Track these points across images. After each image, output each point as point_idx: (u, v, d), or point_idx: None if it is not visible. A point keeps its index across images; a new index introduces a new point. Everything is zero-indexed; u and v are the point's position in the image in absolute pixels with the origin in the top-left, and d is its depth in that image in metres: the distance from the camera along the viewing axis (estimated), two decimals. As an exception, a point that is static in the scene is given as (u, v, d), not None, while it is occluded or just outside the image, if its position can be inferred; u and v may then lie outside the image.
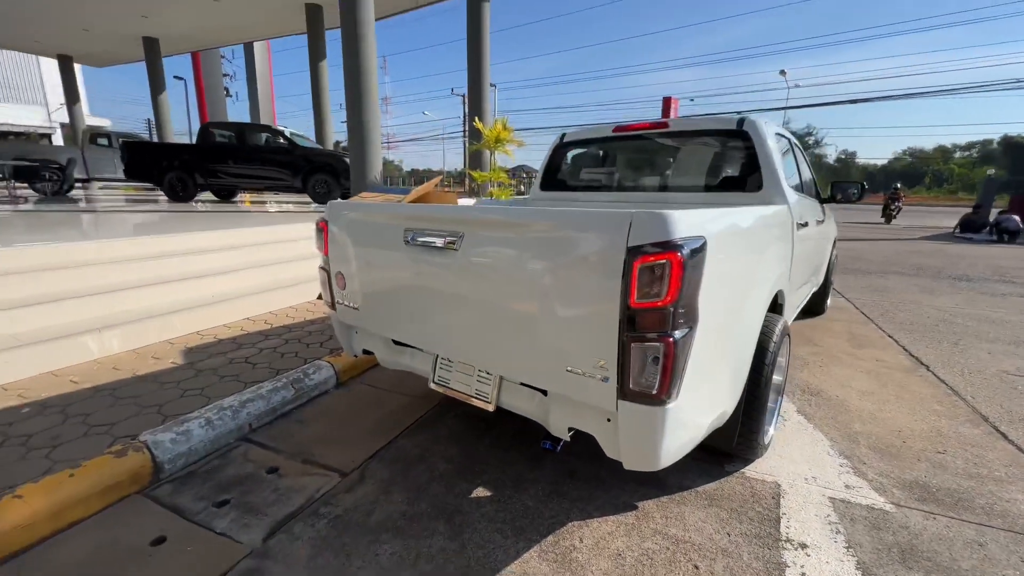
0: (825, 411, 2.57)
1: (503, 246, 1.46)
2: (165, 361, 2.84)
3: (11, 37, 16.13)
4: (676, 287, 1.14)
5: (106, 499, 1.74)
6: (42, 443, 1.96)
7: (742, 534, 1.64)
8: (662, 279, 1.14)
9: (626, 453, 1.34)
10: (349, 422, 2.40)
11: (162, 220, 5.94)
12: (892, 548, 1.58)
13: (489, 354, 1.63)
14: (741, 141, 2.44)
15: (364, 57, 6.85)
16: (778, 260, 2.04)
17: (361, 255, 1.94)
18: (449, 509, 1.76)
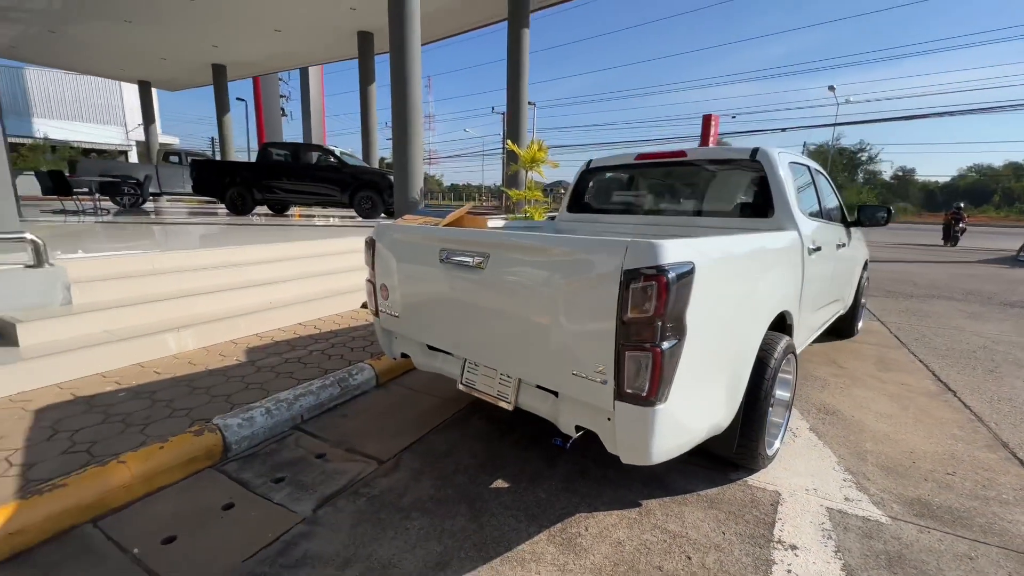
0: (838, 430, 2.64)
1: (523, 266, 1.71)
2: (231, 358, 3.23)
3: (101, 66, 18.01)
4: (663, 304, 1.34)
5: (187, 470, 2.08)
6: (136, 421, 2.33)
7: (736, 533, 1.79)
8: (651, 297, 1.35)
9: (623, 448, 1.54)
10: (387, 418, 2.68)
11: (223, 232, 6.56)
12: (880, 555, 1.69)
13: (510, 359, 1.87)
14: (754, 170, 2.60)
15: (409, 81, 7.34)
16: (783, 282, 2.19)
17: (403, 270, 2.23)
18: (471, 496, 1.99)
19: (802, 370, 3.55)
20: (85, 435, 2.19)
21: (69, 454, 2.03)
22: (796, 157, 2.91)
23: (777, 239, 2.20)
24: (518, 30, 10.32)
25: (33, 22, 12.99)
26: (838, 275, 3.40)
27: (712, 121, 21.30)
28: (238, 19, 12.64)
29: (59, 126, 29.00)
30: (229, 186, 10.31)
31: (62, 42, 14.60)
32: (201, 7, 11.84)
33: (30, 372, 2.63)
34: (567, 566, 1.61)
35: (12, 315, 2.88)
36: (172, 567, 1.58)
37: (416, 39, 7.29)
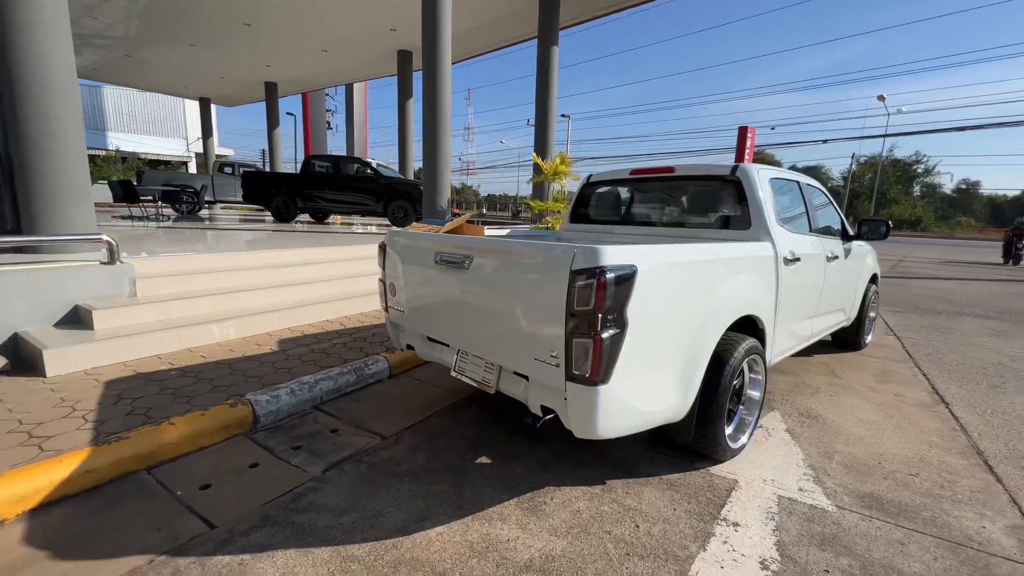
0: (814, 432, 2.77)
1: (496, 267, 2.01)
2: (265, 347, 3.66)
3: (168, 84, 19.69)
4: (601, 300, 1.60)
5: (223, 435, 2.46)
6: (184, 394, 2.76)
7: (686, 511, 1.99)
8: (593, 293, 1.61)
9: (575, 423, 1.79)
10: (394, 403, 3.01)
11: (267, 238, 7.17)
12: (815, 536, 1.86)
13: (491, 348, 2.15)
14: (734, 186, 2.80)
15: (440, 99, 7.82)
16: (747, 288, 2.37)
17: (407, 270, 2.57)
18: (457, 468, 2.28)
19: (796, 378, 3.65)
20: (143, 402, 2.63)
21: (130, 416, 2.46)
22: (780, 174, 3.08)
23: (740, 248, 2.40)
24: (547, 47, 10.69)
25: (113, 47, 14.46)
26: (833, 287, 3.50)
27: (748, 133, 21.01)
28: (289, 41, 13.64)
29: (129, 139, 31.65)
30: (275, 195, 11.12)
31: (135, 64, 16.14)
32: (257, 31, 12.88)
33: (102, 351, 3.13)
34: (528, 526, 1.87)
35: (89, 304, 3.41)
36: (206, 506, 1.95)
37: (447, 60, 7.76)
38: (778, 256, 2.65)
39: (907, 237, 34.98)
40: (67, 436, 2.23)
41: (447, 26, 7.64)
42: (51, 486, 1.92)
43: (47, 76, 3.59)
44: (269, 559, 1.66)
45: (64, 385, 2.81)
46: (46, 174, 3.66)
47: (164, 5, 11.37)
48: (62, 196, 3.72)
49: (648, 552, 1.74)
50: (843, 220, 3.91)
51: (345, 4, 11.01)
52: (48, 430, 2.28)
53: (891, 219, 47.12)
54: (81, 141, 3.85)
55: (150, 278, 3.86)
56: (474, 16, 11.44)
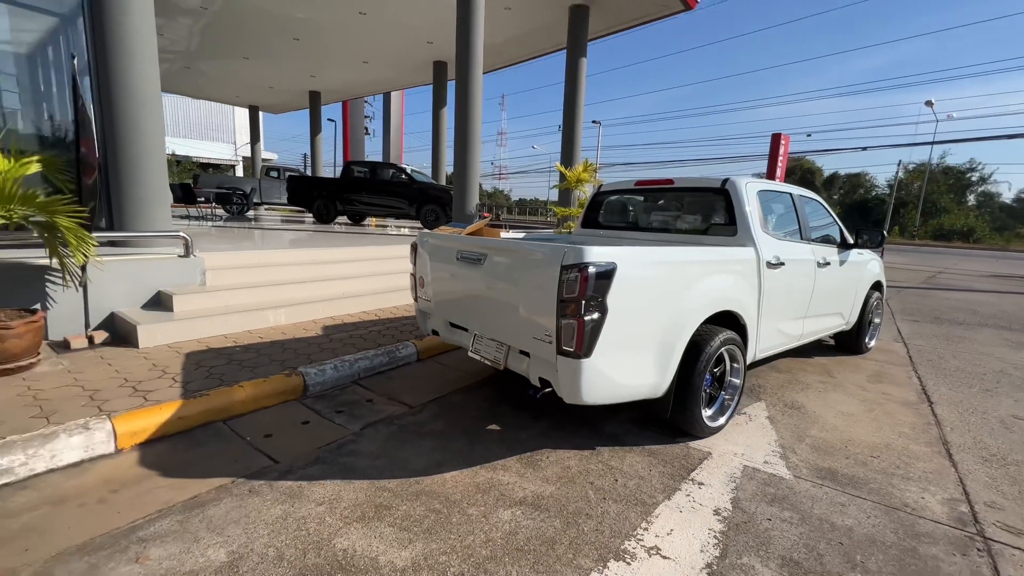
0: (794, 420, 3.07)
1: (505, 263, 2.44)
2: (311, 332, 4.20)
3: (221, 93, 21.11)
4: (584, 289, 2.00)
5: (280, 398, 2.98)
6: (248, 365, 3.30)
7: (660, 472, 2.36)
8: (578, 283, 2.01)
9: (564, 390, 2.19)
10: (421, 381, 3.48)
11: (310, 237, 7.84)
12: (767, 495, 2.19)
13: (500, 330, 2.58)
14: (723, 197, 3.14)
15: (471, 109, 8.32)
16: (725, 286, 2.71)
17: (433, 266, 3.03)
18: (470, 432, 2.71)
19: (791, 375, 3.92)
20: (216, 370, 3.18)
21: (208, 379, 3.01)
22: (770, 186, 3.38)
23: (719, 251, 2.75)
24: (576, 58, 11.09)
25: (175, 61, 15.74)
26: (827, 291, 3.75)
27: (782, 140, 20.77)
28: (333, 53, 14.54)
29: (182, 143, 33.82)
30: (316, 198, 11.91)
31: (194, 75, 17.46)
32: (304, 44, 13.81)
33: (181, 329, 3.73)
34: (525, 474, 2.29)
35: (170, 290, 4.04)
36: (271, 448, 2.45)
37: (478, 74, 8.27)
38: (760, 260, 2.97)
39: (957, 248, 33.34)
40: (162, 391, 2.79)
41: (479, 42, 8.15)
42: (155, 426, 2.47)
43: (137, 94, 4.25)
44: (320, 485, 2.13)
45: (153, 354, 3.41)
46: (135, 179, 4.33)
47: (222, 23, 12.40)
48: (147, 198, 4.38)
49: (621, 498, 2.12)
50: (842, 230, 4.14)
51: (385, 20, 11.73)
52: (147, 387, 2.85)
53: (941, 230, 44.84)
54: (162, 150, 4.52)
55: (217, 270, 4.48)
56: (505, 30, 11.96)
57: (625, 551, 1.78)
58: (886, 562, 1.79)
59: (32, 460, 2.10)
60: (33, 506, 1.92)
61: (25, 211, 2.97)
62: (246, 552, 1.70)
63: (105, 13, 4.07)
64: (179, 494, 2.03)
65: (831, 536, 1.92)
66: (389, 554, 1.72)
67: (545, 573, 1.66)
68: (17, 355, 2.89)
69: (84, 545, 1.71)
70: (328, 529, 1.84)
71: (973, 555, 1.85)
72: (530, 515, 1.98)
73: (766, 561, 1.76)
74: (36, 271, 3.55)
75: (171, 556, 1.67)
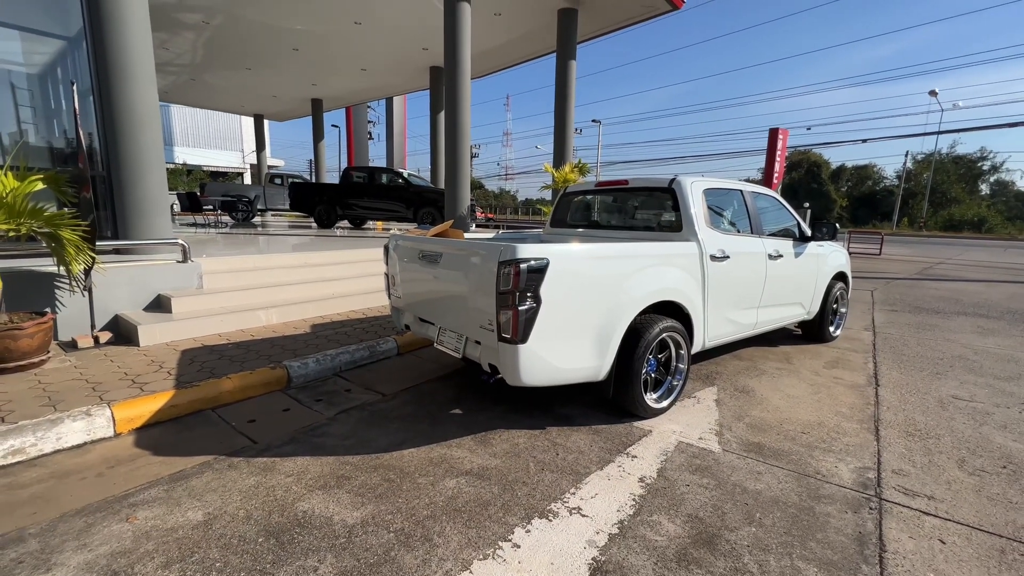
0: (739, 402, 3.28)
1: (456, 260, 2.70)
2: (300, 330, 4.50)
3: (226, 103, 21.64)
4: (517, 282, 2.25)
5: (265, 389, 3.27)
6: (237, 360, 3.60)
7: (599, 447, 2.60)
8: (511, 277, 2.26)
9: (506, 373, 2.45)
10: (397, 373, 3.75)
11: (307, 242, 8.16)
12: (692, 466, 2.42)
13: (457, 322, 2.84)
14: (670, 196, 3.37)
15: (459, 116, 8.60)
16: (665, 278, 2.94)
17: (401, 265, 3.30)
18: (434, 416, 2.97)
19: (750, 363, 4.13)
20: (208, 364, 3.48)
21: (200, 372, 3.31)
22: (717, 184, 3.60)
23: (659, 246, 2.98)
24: (565, 61, 11.31)
25: (181, 73, 16.23)
26: (781, 282, 3.96)
27: (780, 135, 20.76)
28: (332, 63, 14.91)
29: (192, 153, 34.54)
30: (317, 204, 12.28)
31: (199, 86, 17.96)
32: (303, 55, 14.19)
33: (178, 329, 4.04)
34: (476, 451, 2.54)
35: (169, 293, 4.36)
36: (252, 431, 2.73)
37: (466, 79, 8.54)
38: (704, 253, 3.20)
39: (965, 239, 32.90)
40: (157, 383, 3.09)
41: (466, 50, 8.42)
42: (149, 413, 2.76)
43: (136, 113, 4.58)
44: (291, 460, 2.41)
45: (152, 351, 3.72)
46: (136, 190, 4.66)
47: (225, 36, 12.81)
48: (148, 208, 4.71)
49: (558, 468, 2.37)
50: (799, 223, 4.34)
51: (380, 29, 12.05)
52: (145, 379, 3.15)
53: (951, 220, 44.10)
54: (162, 163, 4.84)
55: (213, 274, 4.79)
56: (496, 35, 12.22)
57: (550, 511, 2.03)
58: (782, 519, 2.01)
59: (41, 441, 2.40)
60: (41, 479, 2.21)
61: (33, 224, 3.29)
62: (220, 513, 1.98)
63: (105, 37, 4.41)
64: (167, 469, 2.32)
65: (739, 498, 2.15)
66: (342, 514, 1.99)
67: (475, 528, 1.91)
68: (29, 353, 3.21)
69: (83, 509, 2.00)
70: (292, 495, 2.11)
71: (864, 512, 2.07)
72: (472, 483, 2.23)
73: (673, 518, 2.00)
74: (46, 278, 3.89)
75: (156, 517, 1.95)
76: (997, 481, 2.33)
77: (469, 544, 1.82)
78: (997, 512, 2.08)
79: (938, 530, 1.96)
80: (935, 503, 2.14)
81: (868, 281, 9.62)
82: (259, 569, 1.67)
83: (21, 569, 1.65)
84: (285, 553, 1.75)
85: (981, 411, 3.18)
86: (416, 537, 1.85)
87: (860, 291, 8.27)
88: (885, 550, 1.83)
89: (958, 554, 1.81)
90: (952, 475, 2.38)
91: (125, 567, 1.67)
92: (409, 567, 1.69)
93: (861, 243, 19.41)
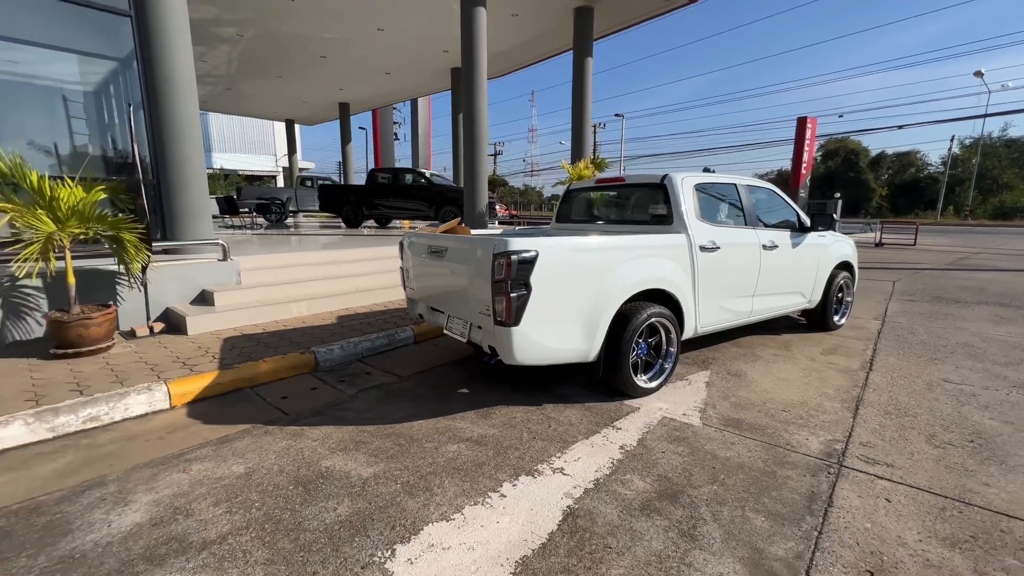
0: (729, 384, 3.49)
1: (460, 253, 3.02)
2: (327, 320, 4.92)
3: (259, 110, 22.67)
4: (509, 272, 2.55)
5: (295, 371, 3.68)
6: (272, 346, 4.03)
7: (588, 420, 2.87)
8: (504, 267, 2.56)
9: (502, 353, 2.74)
10: (413, 358, 4.11)
11: (333, 241, 8.66)
12: (670, 437, 2.67)
13: (463, 309, 3.16)
14: (662, 191, 3.59)
15: (476, 116, 8.93)
16: (654, 267, 3.17)
17: (414, 260, 3.64)
18: (443, 395, 3.31)
19: (749, 349, 4.30)
20: (247, 350, 3.92)
21: (239, 356, 3.74)
22: (709, 179, 3.78)
23: (647, 238, 3.22)
24: (582, 59, 11.48)
25: (218, 83, 17.17)
26: (777, 271, 4.11)
27: (808, 123, 20.27)
28: (357, 68, 15.50)
29: (230, 158, 36.19)
30: (344, 204, 12.86)
31: (235, 95, 18.92)
32: (330, 62, 14.82)
33: (221, 320, 4.52)
34: (477, 422, 2.86)
35: (212, 288, 4.86)
36: (284, 406, 3.13)
37: (482, 82, 8.86)
38: (693, 244, 3.41)
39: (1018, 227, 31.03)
40: (204, 364, 3.54)
41: (482, 53, 8.74)
42: (198, 390, 3.20)
43: (182, 128, 5.09)
44: (317, 428, 2.79)
45: (199, 339, 4.20)
46: (182, 197, 5.17)
47: (256, 47, 13.53)
48: (193, 212, 5.23)
49: (548, 437, 2.66)
50: (799, 214, 4.47)
51: (401, 34, 12.50)
52: (193, 362, 3.61)
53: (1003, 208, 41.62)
54: (203, 172, 5.35)
55: (250, 271, 5.28)
56: (513, 36, 12.49)
57: (535, 470, 2.33)
58: (743, 480, 2.25)
59: (112, 411, 2.86)
60: (114, 441, 2.66)
61: (99, 228, 3.79)
62: (258, 467, 2.36)
63: (153, 61, 4.92)
64: (214, 434, 2.73)
65: (708, 463, 2.40)
66: (358, 470, 2.34)
67: (469, 482, 2.23)
68: (98, 339, 3.72)
69: (149, 463, 2.42)
70: (317, 455, 2.48)
71: (821, 476, 2.28)
72: (471, 448, 2.55)
73: (644, 478, 2.26)
74: (108, 275, 4.42)
75: (207, 469, 2.35)
76: (960, 453, 2.49)
77: (463, 494, 2.14)
78: (950, 478, 2.26)
79: (888, 491, 2.15)
80: (892, 470, 2.33)
81: (894, 272, 9.46)
82: (289, 508, 2.03)
83: (106, 504, 2.07)
84: (311, 497, 2.11)
85: (968, 393, 3.29)
86: (419, 488, 2.19)
87: (882, 282, 8.18)
88: (832, 506, 2.05)
89: (899, 510, 2.02)
90: (917, 447, 2.55)
91: (184, 504, 2.07)
92: (411, 509, 2.03)
93: (894, 233, 18.79)
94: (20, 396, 2.93)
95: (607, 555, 1.76)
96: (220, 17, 11.44)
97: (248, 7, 10.95)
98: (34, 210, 3.51)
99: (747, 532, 1.88)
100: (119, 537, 1.86)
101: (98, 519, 1.97)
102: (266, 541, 1.83)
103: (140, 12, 4.95)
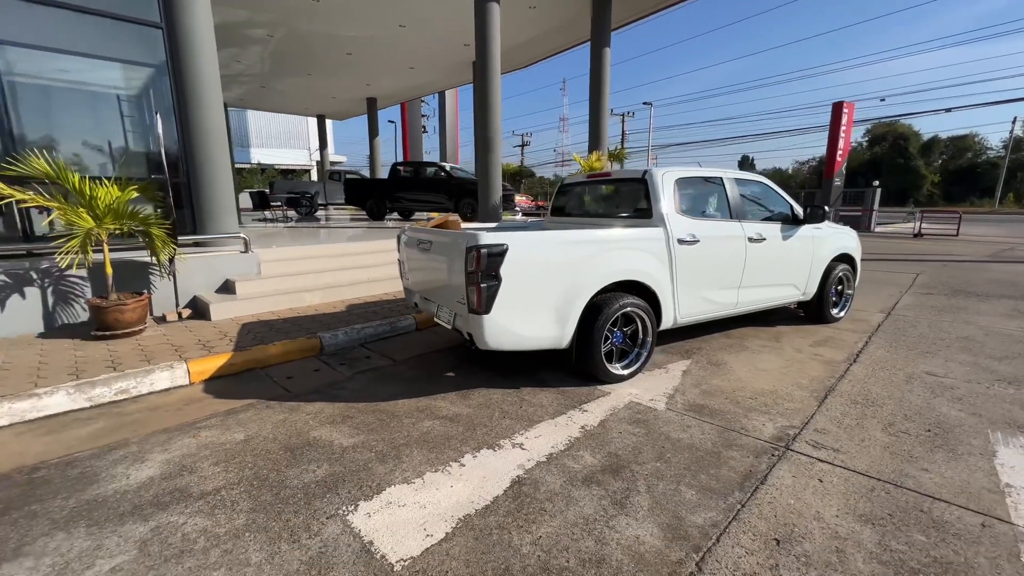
0: (705, 373, 3.61)
1: (441, 247, 3.26)
2: (337, 308, 5.28)
3: (292, 106, 23.50)
4: (479, 264, 2.76)
5: (302, 355, 4.03)
6: (284, 331, 4.40)
7: (560, 403, 3.08)
8: (475, 260, 2.78)
9: (476, 339, 2.97)
10: (411, 344, 4.40)
11: (350, 233, 9.07)
12: (631, 419, 2.84)
13: (447, 298, 3.40)
14: (643, 185, 3.71)
15: (490, 109, 9.11)
16: (629, 260, 3.32)
17: (408, 252, 3.91)
18: (431, 377, 3.58)
19: (738, 341, 4.37)
20: (261, 334, 4.31)
21: (254, 340, 4.13)
22: (691, 173, 3.86)
23: (621, 232, 3.36)
24: (599, 49, 11.44)
25: (253, 82, 17.94)
26: (765, 264, 4.16)
27: (845, 109, 19.40)
28: (382, 64, 15.89)
29: (267, 153, 37.66)
30: (368, 198, 13.33)
31: (269, 92, 19.71)
32: (356, 58, 15.25)
33: (241, 307, 4.94)
34: (455, 402, 3.11)
35: (234, 278, 5.29)
36: (289, 385, 3.47)
37: (496, 77, 9.02)
38: (671, 238, 3.53)
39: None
40: (222, 347, 3.93)
41: (496, 47, 8.89)
42: (214, 368, 3.58)
43: (208, 130, 5.51)
44: (312, 404, 3.11)
45: (220, 324, 4.63)
46: (209, 195, 5.62)
47: (286, 47, 14.08)
48: (218, 208, 5.67)
49: (516, 417, 2.89)
50: (792, 207, 4.48)
51: (423, 30, 12.75)
52: (213, 345, 4.01)
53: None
54: (228, 171, 5.78)
55: (269, 262, 5.70)
56: (531, 28, 12.53)
57: (497, 444, 2.56)
58: (687, 459, 2.41)
59: (139, 385, 3.27)
60: (139, 410, 3.06)
61: (132, 224, 4.24)
62: (255, 435, 2.69)
63: (183, 69, 5.36)
64: (223, 407, 3.09)
65: (658, 443, 2.57)
66: (341, 440, 2.63)
67: (435, 452, 2.49)
68: (132, 323, 4.17)
69: (166, 429, 2.79)
70: (308, 427, 2.80)
71: (764, 458, 2.41)
72: (444, 424, 2.81)
73: (595, 454, 2.46)
74: (143, 266, 4.90)
75: (212, 436, 2.70)
76: (912, 441, 2.56)
77: (427, 462, 2.40)
78: (892, 464, 2.35)
79: (824, 473, 2.28)
80: (837, 454, 2.44)
81: (922, 264, 9.12)
82: (276, 469, 2.35)
83: (127, 461, 2.44)
84: (295, 460, 2.42)
85: (946, 386, 3.30)
86: (390, 456, 2.46)
87: (904, 275, 7.94)
88: (763, 483, 2.19)
89: (828, 490, 2.14)
90: (871, 435, 2.64)
91: (190, 463, 2.41)
92: (379, 473, 2.30)
93: (937, 223, 17.86)
94: (64, 371, 3.38)
95: (541, 516, 1.98)
96: (251, 19, 11.99)
97: (275, 8, 11.43)
98: (76, 208, 3.97)
99: (675, 503, 2.06)
100: (134, 487, 2.21)
101: (119, 472, 2.34)
102: (252, 495, 2.14)
103: (169, 24, 5.37)
